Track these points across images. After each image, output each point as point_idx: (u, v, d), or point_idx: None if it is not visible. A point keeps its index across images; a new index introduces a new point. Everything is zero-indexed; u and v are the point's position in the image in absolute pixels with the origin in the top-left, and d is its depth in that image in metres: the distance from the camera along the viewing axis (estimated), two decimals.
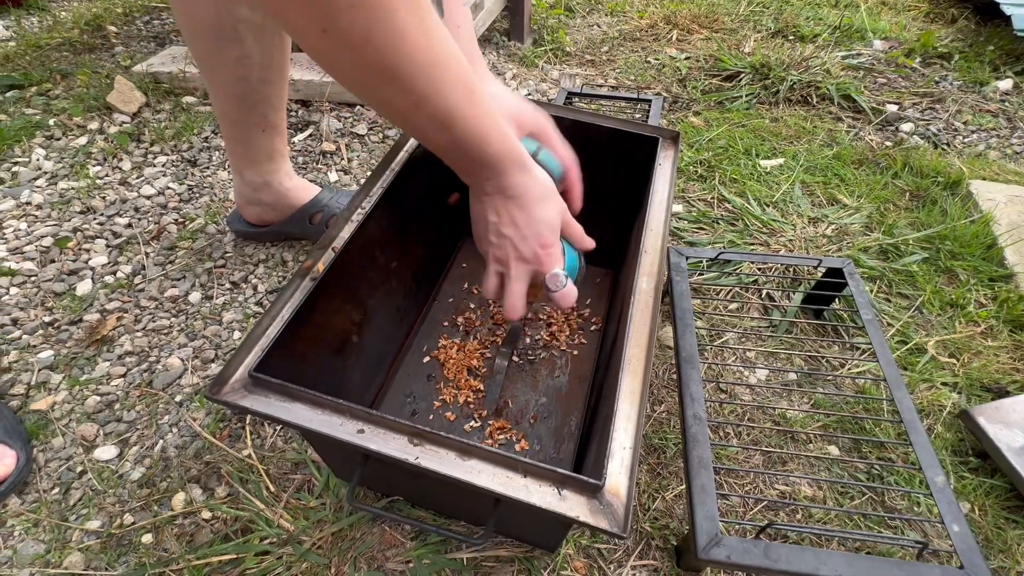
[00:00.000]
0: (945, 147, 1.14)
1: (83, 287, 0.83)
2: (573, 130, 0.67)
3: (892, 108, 1.24)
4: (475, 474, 0.36)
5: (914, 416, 0.57)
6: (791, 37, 1.50)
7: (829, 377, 0.74)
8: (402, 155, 0.61)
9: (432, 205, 0.70)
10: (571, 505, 0.35)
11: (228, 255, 0.88)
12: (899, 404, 0.59)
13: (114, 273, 0.85)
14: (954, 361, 0.75)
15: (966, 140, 1.16)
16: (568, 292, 0.49)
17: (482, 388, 0.68)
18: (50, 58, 1.41)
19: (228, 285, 0.84)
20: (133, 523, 0.60)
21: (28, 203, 0.94)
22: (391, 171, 0.59)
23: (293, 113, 1.20)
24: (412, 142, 0.62)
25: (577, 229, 0.52)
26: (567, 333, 0.74)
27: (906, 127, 1.19)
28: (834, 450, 0.67)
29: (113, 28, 1.55)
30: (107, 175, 1.02)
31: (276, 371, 0.40)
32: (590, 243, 0.53)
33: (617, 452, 0.38)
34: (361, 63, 0.33)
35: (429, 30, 0.34)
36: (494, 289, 0.52)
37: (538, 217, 0.46)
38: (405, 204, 0.63)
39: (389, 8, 0.31)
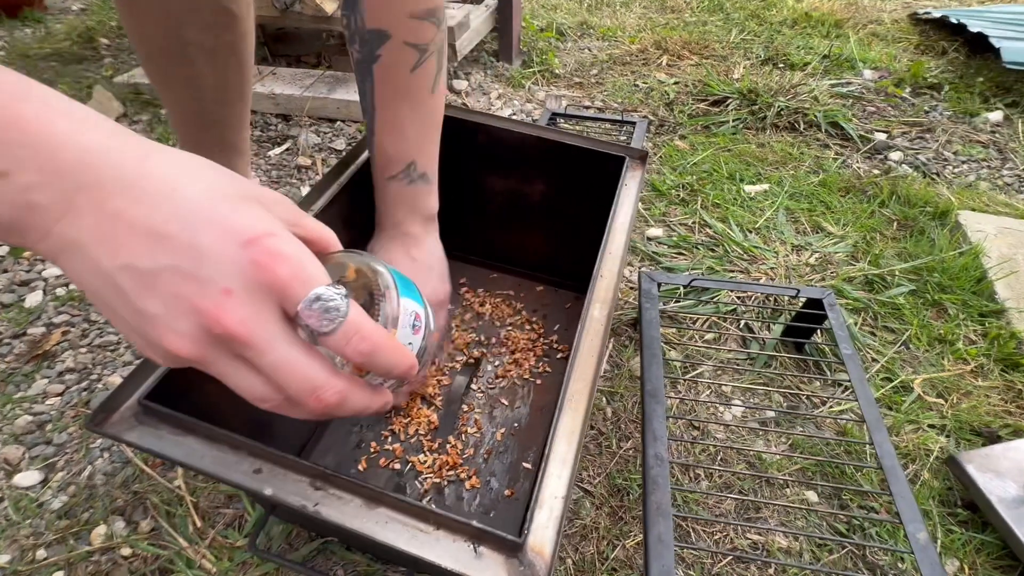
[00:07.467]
0: (934, 176, 1.11)
1: (33, 299, 0.79)
2: (541, 149, 0.65)
3: (881, 136, 1.22)
4: (382, 526, 0.32)
5: (895, 463, 0.53)
6: (781, 65, 1.50)
7: (809, 416, 0.69)
8: (362, 158, 0.58)
9: None
10: (487, 564, 0.31)
11: None
12: (879, 448, 0.54)
13: (67, 285, 0.82)
14: (942, 401, 0.70)
15: (956, 170, 1.14)
16: (388, 344, 0.26)
17: (434, 420, 0.63)
18: (37, 68, 1.41)
19: None
20: (45, 558, 0.55)
21: None
22: (347, 176, 0.56)
23: (272, 127, 1.18)
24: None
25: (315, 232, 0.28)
26: (531, 361, 0.70)
27: (895, 155, 1.16)
28: (812, 496, 0.62)
29: (104, 40, 1.56)
30: None
31: (178, 400, 0.36)
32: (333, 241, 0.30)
33: (547, 502, 0.33)
34: None
35: None
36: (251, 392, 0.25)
37: (191, 236, 0.23)
38: (356, 220, 0.60)
39: None
